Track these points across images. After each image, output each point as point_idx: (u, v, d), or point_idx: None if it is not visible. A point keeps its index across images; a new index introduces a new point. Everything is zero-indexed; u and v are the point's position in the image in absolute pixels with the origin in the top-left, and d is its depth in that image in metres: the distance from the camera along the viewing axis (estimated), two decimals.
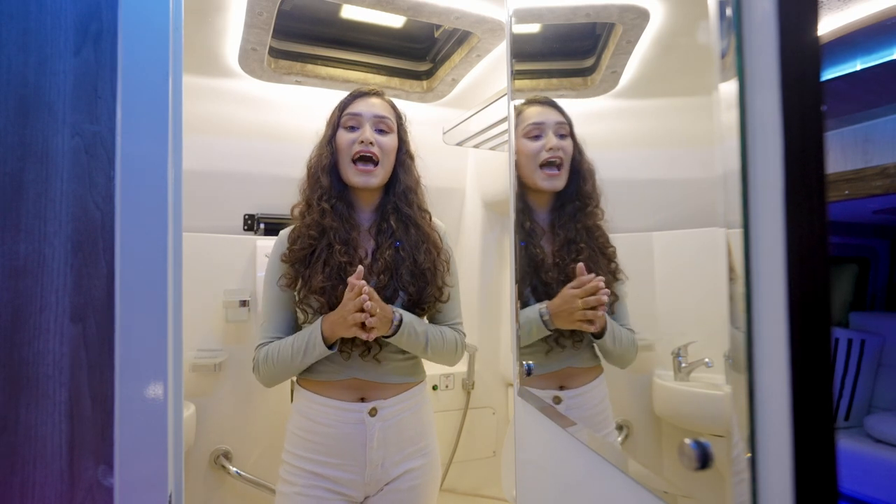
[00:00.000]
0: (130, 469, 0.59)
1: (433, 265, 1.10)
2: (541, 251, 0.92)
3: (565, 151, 0.88)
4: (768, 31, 0.39)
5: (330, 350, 1.02)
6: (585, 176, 0.85)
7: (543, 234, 0.93)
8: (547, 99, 0.93)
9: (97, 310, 0.59)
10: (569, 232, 0.87)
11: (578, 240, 0.85)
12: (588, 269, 0.81)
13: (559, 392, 0.86)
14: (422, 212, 1.15)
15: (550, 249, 0.91)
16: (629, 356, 0.77)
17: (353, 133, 1.09)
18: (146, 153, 0.62)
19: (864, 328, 1.33)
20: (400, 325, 1.03)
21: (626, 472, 0.61)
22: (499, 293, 2.02)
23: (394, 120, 1.14)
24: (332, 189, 1.09)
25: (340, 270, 1.03)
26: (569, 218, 0.88)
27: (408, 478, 1.07)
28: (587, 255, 0.83)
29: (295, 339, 1.04)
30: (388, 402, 1.06)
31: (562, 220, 0.89)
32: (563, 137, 0.89)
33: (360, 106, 1.12)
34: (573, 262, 0.84)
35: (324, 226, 1.06)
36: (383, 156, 1.09)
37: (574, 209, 0.88)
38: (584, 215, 0.86)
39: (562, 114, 0.90)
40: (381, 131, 1.11)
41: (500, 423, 2.03)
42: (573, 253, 0.85)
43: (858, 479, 1.08)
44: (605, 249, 0.80)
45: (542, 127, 0.91)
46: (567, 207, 0.89)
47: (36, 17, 0.59)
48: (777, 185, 0.38)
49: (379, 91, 1.16)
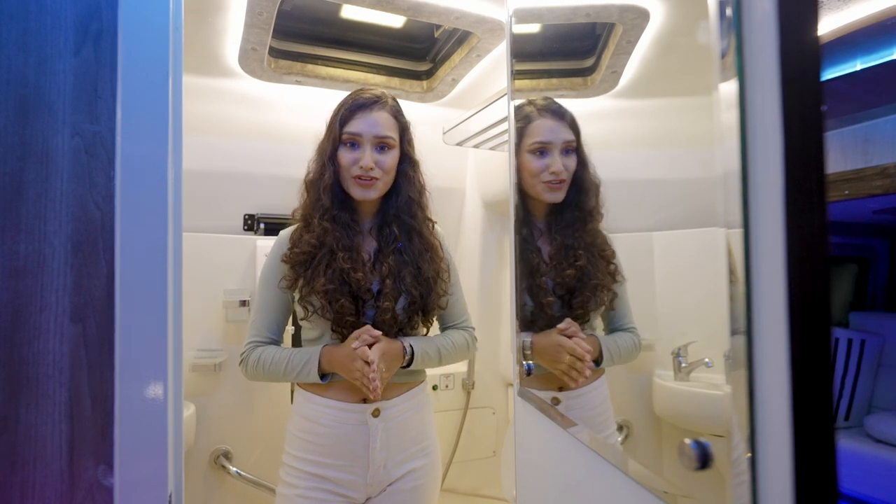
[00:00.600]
0: (130, 469, 0.59)
1: (436, 274, 1.10)
2: (536, 255, 0.92)
3: (568, 170, 0.88)
4: (768, 31, 0.39)
5: (322, 381, 1.03)
6: (588, 189, 0.84)
7: (541, 236, 0.93)
8: (559, 110, 0.90)
9: (97, 310, 0.59)
10: (566, 238, 0.87)
11: (576, 246, 0.85)
12: (586, 274, 0.81)
13: (558, 393, 0.86)
14: (426, 221, 1.13)
15: (547, 252, 0.91)
16: (632, 359, 0.78)
17: (354, 152, 1.06)
18: (146, 153, 0.62)
19: (864, 328, 1.34)
20: (412, 359, 1.05)
21: (626, 472, 0.61)
22: (499, 293, 2.02)
23: (396, 136, 1.09)
24: (334, 206, 1.07)
25: (343, 274, 1.03)
26: (567, 225, 0.88)
27: (410, 478, 1.07)
28: (585, 260, 0.83)
29: (291, 357, 1.04)
30: (390, 403, 1.06)
31: (560, 225, 0.89)
32: (569, 154, 0.88)
33: (360, 124, 1.06)
34: (570, 266, 0.85)
35: (325, 241, 1.05)
36: (384, 174, 1.07)
37: (573, 218, 0.87)
38: (582, 224, 0.86)
39: (571, 129, 0.87)
40: (383, 148, 1.07)
41: (500, 423, 2.03)
42: (570, 258, 0.85)
43: (858, 479, 1.08)
44: (603, 252, 0.81)
45: (549, 146, 0.89)
46: (566, 215, 0.89)
47: (36, 16, 0.59)
48: (777, 185, 0.38)
49: (381, 98, 1.09)
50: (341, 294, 1.01)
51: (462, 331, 1.17)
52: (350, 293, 1.03)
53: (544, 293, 0.89)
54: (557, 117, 0.90)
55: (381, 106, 1.08)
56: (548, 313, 0.88)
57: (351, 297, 1.03)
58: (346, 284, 1.02)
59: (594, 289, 0.81)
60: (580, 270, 0.83)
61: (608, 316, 0.81)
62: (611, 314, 0.80)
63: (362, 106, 1.07)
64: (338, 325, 1.03)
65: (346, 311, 1.02)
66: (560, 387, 0.86)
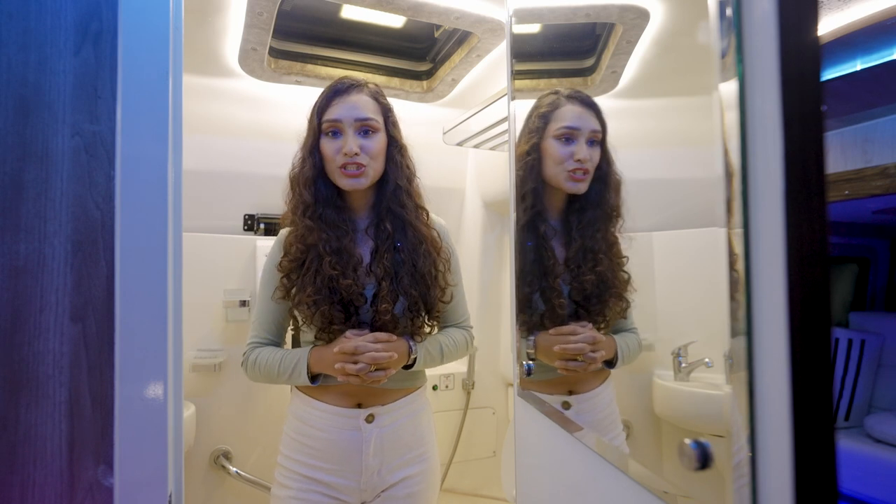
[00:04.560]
0: (130, 469, 0.59)
1: (433, 267, 1.06)
2: (551, 255, 0.88)
3: (592, 162, 0.84)
4: (768, 31, 0.39)
5: (313, 383, 1.02)
6: (611, 186, 0.80)
7: (554, 235, 0.89)
8: (587, 99, 0.86)
9: (97, 310, 0.59)
10: (587, 239, 0.83)
11: (597, 249, 0.81)
12: (606, 281, 0.78)
13: (568, 397, 0.84)
14: (418, 210, 1.08)
15: (563, 253, 0.88)
16: (635, 359, 0.77)
17: (336, 140, 1.02)
18: (146, 153, 0.62)
19: (864, 328, 1.33)
20: (416, 357, 1.04)
21: (625, 472, 0.61)
22: (499, 293, 2.02)
23: (380, 117, 1.04)
24: (317, 202, 1.03)
25: (332, 281, 0.99)
26: (588, 224, 0.84)
27: (405, 485, 1.06)
28: (606, 265, 0.79)
29: (283, 359, 1.03)
30: (385, 409, 1.04)
31: (580, 224, 0.85)
32: (594, 145, 0.84)
33: (338, 110, 1.01)
34: (590, 272, 0.81)
35: (308, 243, 1.01)
36: (371, 160, 1.02)
37: (595, 217, 0.83)
38: (604, 224, 0.82)
39: (599, 119, 0.84)
40: (367, 132, 1.02)
41: (500, 423, 2.03)
42: (590, 262, 0.81)
43: (858, 479, 1.08)
44: (619, 258, 0.77)
45: (576, 133, 0.85)
46: (587, 213, 0.85)
47: (36, 16, 0.59)
48: (777, 185, 0.38)
49: (359, 82, 1.05)
50: (329, 303, 0.99)
51: (462, 330, 1.16)
52: (340, 301, 1.00)
53: (557, 295, 0.86)
54: (586, 106, 0.86)
55: (359, 90, 1.04)
56: (560, 314, 0.85)
57: (340, 306, 1.00)
58: (335, 293, 0.99)
59: (612, 297, 0.78)
60: (600, 276, 0.79)
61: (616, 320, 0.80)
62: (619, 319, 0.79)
63: (338, 91, 1.03)
64: (323, 332, 1.01)
65: (333, 320, 0.99)
66: (570, 390, 0.85)
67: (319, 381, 1.03)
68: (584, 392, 0.84)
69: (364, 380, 0.97)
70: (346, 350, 0.96)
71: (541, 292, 0.89)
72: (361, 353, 0.96)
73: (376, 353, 0.96)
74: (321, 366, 1.01)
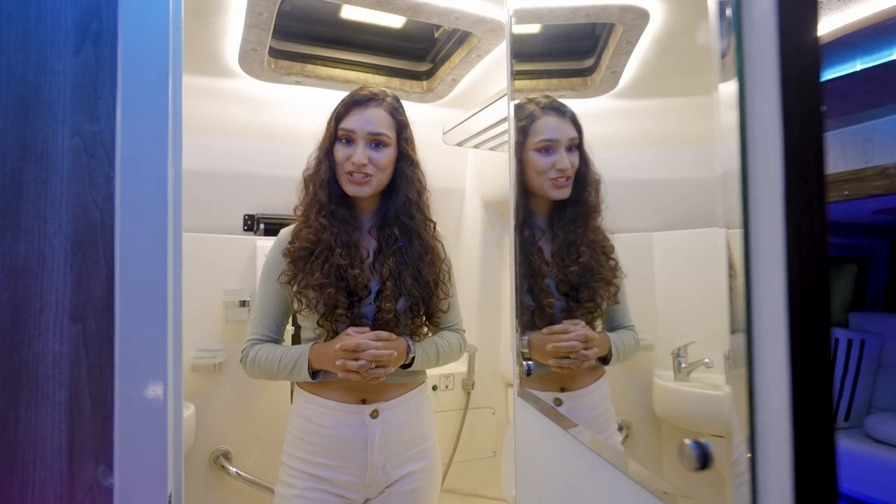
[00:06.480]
0: (130, 469, 0.59)
1: (437, 277, 1.10)
2: (538, 256, 0.92)
3: (573, 167, 0.88)
4: (768, 31, 0.39)
5: (314, 379, 1.03)
6: (590, 186, 0.85)
7: (542, 236, 0.93)
8: (561, 108, 0.91)
9: (97, 310, 0.59)
10: (569, 234, 0.88)
11: (579, 242, 0.85)
12: (590, 269, 0.81)
13: (560, 394, 0.86)
14: (426, 222, 1.12)
15: (549, 251, 0.92)
16: (632, 357, 0.78)
17: (348, 148, 1.06)
18: (146, 153, 0.62)
19: (864, 328, 1.33)
20: (413, 357, 1.06)
21: (626, 472, 0.61)
22: (499, 293, 2.02)
23: (392, 133, 1.08)
24: (330, 202, 1.07)
25: (340, 270, 1.03)
26: (569, 221, 0.89)
27: (409, 480, 1.07)
28: (588, 256, 0.83)
29: (283, 355, 1.04)
30: (389, 404, 1.06)
31: (562, 222, 0.90)
32: (572, 150, 0.88)
33: (354, 121, 1.06)
34: (573, 263, 0.85)
35: (322, 238, 1.05)
36: (377, 171, 1.06)
37: (575, 214, 0.88)
38: (584, 220, 0.86)
39: (575, 127, 0.88)
40: (378, 145, 1.06)
41: (500, 423, 2.03)
42: (573, 255, 0.86)
43: (858, 479, 1.08)
44: (604, 247, 0.81)
45: (555, 144, 0.90)
46: (568, 211, 0.89)
47: (36, 16, 0.59)
48: (777, 185, 0.38)
49: (378, 95, 1.09)
50: (335, 287, 1.01)
51: (456, 333, 1.18)
52: (346, 289, 1.03)
53: (545, 294, 0.89)
54: (560, 115, 0.91)
55: (377, 103, 1.08)
56: (549, 313, 0.88)
57: (346, 293, 1.03)
58: (342, 280, 1.02)
59: (599, 282, 0.82)
60: (584, 266, 0.84)
61: (611, 312, 0.81)
62: (614, 309, 0.80)
63: (357, 103, 1.07)
64: (326, 318, 1.02)
65: (338, 304, 1.01)
66: (562, 387, 0.86)
67: (320, 377, 1.04)
68: (576, 389, 0.86)
69: (364, 376, 0.99)
70: (348, 347, 0.98)
71: (530, 292, 0.92)
72: (363, 351, 0.97)
73: (377, 350, 0.98)
74: (322, 362, 1.02)
